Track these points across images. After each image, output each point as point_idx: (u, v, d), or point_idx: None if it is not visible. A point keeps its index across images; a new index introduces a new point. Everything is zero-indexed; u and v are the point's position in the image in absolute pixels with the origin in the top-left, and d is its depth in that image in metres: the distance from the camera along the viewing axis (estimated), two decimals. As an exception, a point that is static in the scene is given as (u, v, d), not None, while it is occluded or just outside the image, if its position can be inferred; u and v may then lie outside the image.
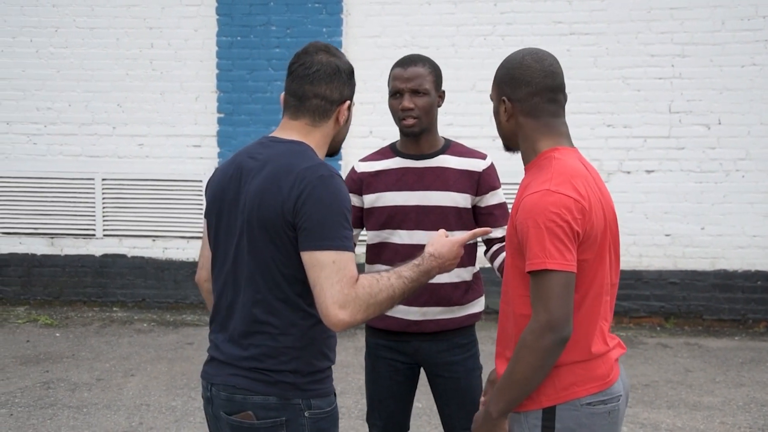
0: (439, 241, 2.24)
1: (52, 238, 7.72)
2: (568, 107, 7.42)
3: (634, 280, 7.14)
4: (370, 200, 3.01)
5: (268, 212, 2.06)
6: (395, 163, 3.01)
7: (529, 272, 2.02)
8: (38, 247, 7.73)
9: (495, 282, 6.93)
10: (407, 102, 2.91)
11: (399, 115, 2.94)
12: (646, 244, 7.16)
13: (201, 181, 7.42)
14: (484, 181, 2.98)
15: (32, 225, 7.72)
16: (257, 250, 2.09)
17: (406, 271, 2.13)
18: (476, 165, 2.99)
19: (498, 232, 2.98)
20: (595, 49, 7.08)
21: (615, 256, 2.21)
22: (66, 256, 7.70)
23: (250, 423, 2.09)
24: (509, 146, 2.29)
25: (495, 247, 3.00)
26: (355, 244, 3.14)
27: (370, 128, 7.31)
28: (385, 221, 2.99)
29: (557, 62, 2.19)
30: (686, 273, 7.13)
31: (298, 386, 2.11)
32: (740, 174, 7.05)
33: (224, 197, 2.19)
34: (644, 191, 7.12)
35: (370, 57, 7.28)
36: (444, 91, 3.03)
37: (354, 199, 3.06)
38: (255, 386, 2.09)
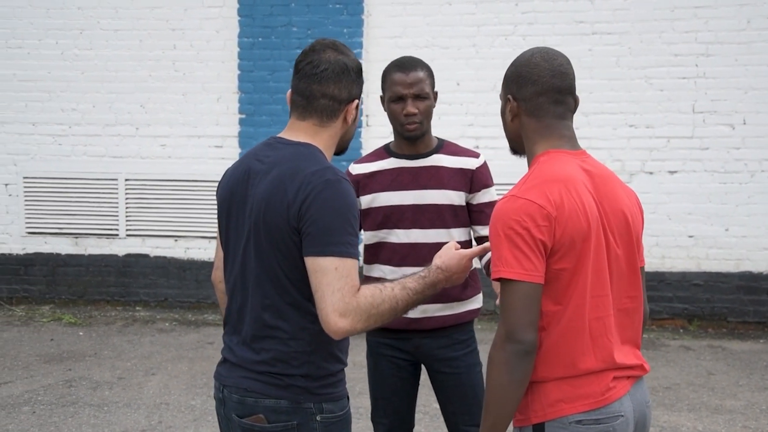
0: (448, 254, 2.20)
1: (77, 237, 7.81)
2: (590, 107, 7.39)
3: (656, 281, 7.07)
4: (367, 201, 3.03)
5: (274, 217, 2.04)
6: (390, 163, 3.03)
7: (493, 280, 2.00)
8: (63, 246, 7.83)
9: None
10: (411, 107, 2.92)
11: (401, 120, 2.94)
12: (669, 246, 7.09)
13: (223, 181, 7.47)
14: (477, 179, 3.01)
15: (57, 225, 7.81)
16: (264, 254, 2.07)
17: (412, 282, 2.10)
18: (469, 163, 3.02)
19: (486, 231, 2.98)
20: (617, 48, 7.02)
21: (614, 265, 2.05)
22: (90, 255, 7.78)
23: (261, 426, 2.08)
24: (515, 148, 2.22)
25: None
26: None
27: (390, 128, 7.27)
28: (381, 221, 3.01)
29: (569, 63, 2.10)
30: (710, 275, 7.05)
31: (310, 390, 2.09)
32: (766, 174, 6.95)
33: (233, 200, 2.18)
34: (667, 192, 7.05)
35: (390, 57, 7.14)
36: (437, 92, 3.05)
37: None
38: (267, 390, 2.08)
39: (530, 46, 7.00)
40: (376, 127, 7.33)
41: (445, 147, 3.05)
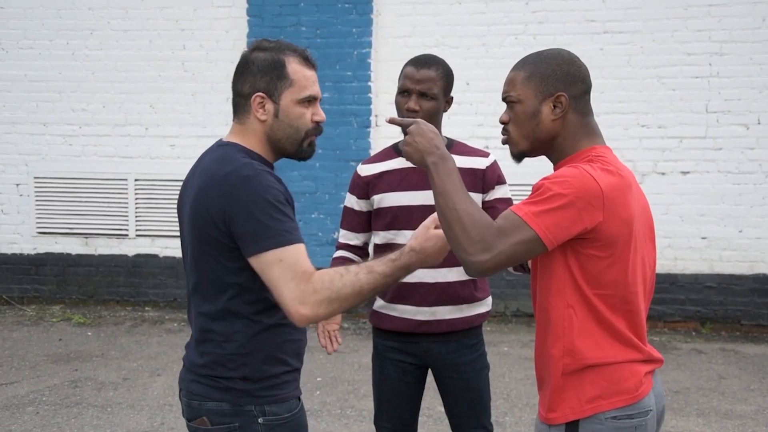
0: (424, 234, 2.09)
1: (87, 237, 7.83)
2: (601, 107, 7.33)
3: (669, 283, 6.98)
4: (376, 201, 3.00)
5: (202, 223, 2.05)
6: (398, 163, 2.98)
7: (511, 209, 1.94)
8: (73, 246, 7.84)
9: (526, 285, 6.84)
10: (413, 103, 2.87)
11: (403, 114, 2.90)
12: (682, 247, 7.00)
13: (231, 181, 7.46)
14: (488, 178, 2.97)
15: (67, 225, 7.83)
16: (198, 260, 2.09)
17: (379, 266, 2.03)
18: (479, 163, 2.97)
19: None
20: (629, 47, 6.94)
21: (647, 264, 2.11)
22: (100, 255, 7.80)
23: (205, 429, 2.11)
24: (532, 153, 2.13)
25: None
26: (367, 250, 3.13)
27: (399, 128, 7.24)
28: (390, 222, 2.97)
29: None
30: (723, 277, 6.94)
31: (250, 393, 2.10)
32: (780, 175, 6.85)
33: (180, 205, 2.23)
34: (680, 193, 6.96)
35: (400, 57, 7.21)
36: (452, 97, 2.97)
37: (361, 204, 3.05)
38: (209, 392, 2.11)
39: (541, 46, 6.99)
40: (385, 127, 7.29)
41: (454, 147, 2.99)
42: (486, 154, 3.00)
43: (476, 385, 3.02)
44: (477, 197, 2.95)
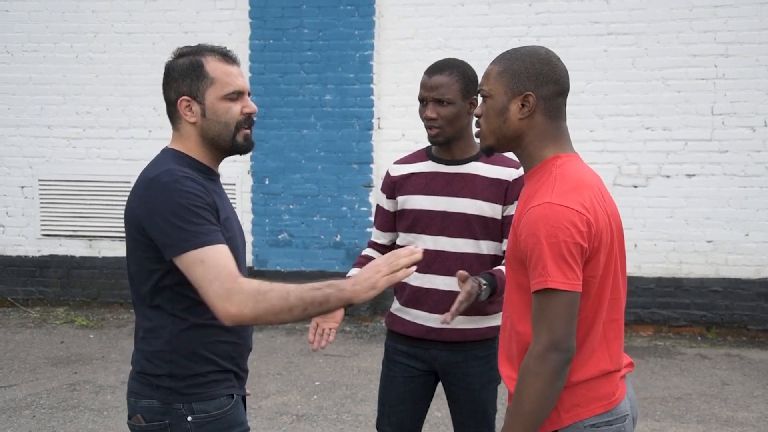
0: (366, 266, 2.09)
1: (91, 240, 7.84)
2: (605, 109, 7.28)
3: (674, 287, 6.90)
4: (400, 202, 2.98)
5: (130, 226, 2.13)
6: (427, 167, 2.96)
7: (533, 292, 1.92)
8: (77, 249, 7.86)
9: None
10: (430, 112, 2.85)
11: (424, 123, 2.89)
12: (687, 251, 6.92)
13: (234, 184, 7.45)
14: (511, 191, 2.86)
15: (72, 227, 7.85)
16: (130, 259, 2.18)
17: (313, 283, 2.07)
18: (507, 174, 2.88)
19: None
20: (633, 49, 6.87)
21: (622, 269, 2.08)
22: (103, 258, 7.81)
23: (140, 426, 2.17)
24: (498, 148, 2.13)
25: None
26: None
27: (402, 131, 7.23)
28: (410, 225, 2.94)
29: None
30: (729, 281, 6.86)
31: (177, 390, 2.14)
32: (787, 178, 6.76)
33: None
34: (685, 196, 6.88)
35: (402, 59, 7.20)
36: (476, 98, 2.89)
37: (389, 203, 3.04)
38: (142, 390, 2.17)
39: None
40: (388, 130, 7.26)
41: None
42: (517, 165, 2.89)
43: (482, 397, 2.98)
44: (497, 208, 2.87)
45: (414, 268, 2.07)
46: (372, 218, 7.19)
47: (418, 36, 7.19)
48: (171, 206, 2.02)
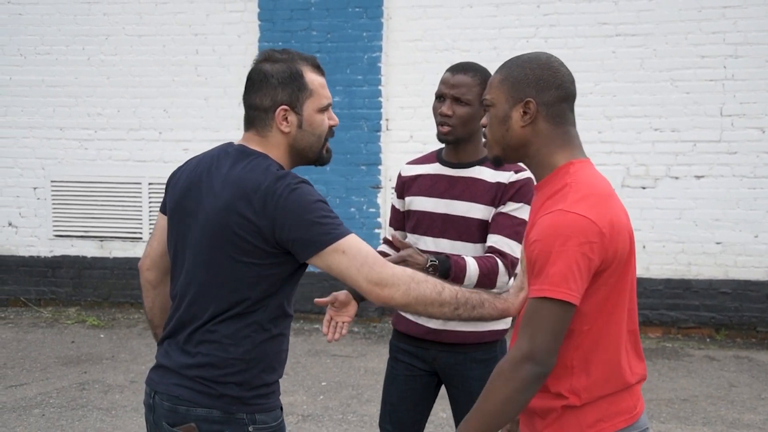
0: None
1: (102, 240, 7.91)
2: (614, 110, 7.27)
3: (682, 289, 6.89)
4: (407, 203, 3.02)
5: (236, 228, 2.03)
6: (434, 169, 2.98)
7: (531, 297, 1.87)
8: (89, 249, 7.93)
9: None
10: (446, 108, 2.85)
11: (438, 119, 2.89)
12: (696, 253, 6.90)
13: (243, 185, 7.49)
14: (506, 192, 2.85)
15: (83, 228, 7.92)
16: (216, 263, 2.07)
17: (473, 288, 2.09)
18: (505, 177, 2.87)
19: (489, 239, 2.86)
20: (642, 50, 6.86)
21: (633, 278, 2.05)
22: (114, 258, 7.88)
23: None
24: (505, 158, 2.07)
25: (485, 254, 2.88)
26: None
27: (410, 132, 7.25)
28: (414, 225, 2.96)
29: None
30: (738, 283, 6.83)
31: (243, 400, 2.08)
32: (797, 179, 6.73)
33: (185, 205, 2.16)
34: (693, 197, 6.86)
35: (410, 61, 7.23)
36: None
37: (399, 203, 3.08)
38: (199, 398, 2.07)
39: (552, 49, 6.93)
40: (396, 131, 7.28)
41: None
42: (518, 170, 2.88)
43: None
44: (491, 210, 2.87)
45: None
46: (380, 219, 7.22)
47: (426, 38, 7.21)
48: (307, 206, 2.01)
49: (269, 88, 2.10)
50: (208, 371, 2.07)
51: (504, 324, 2.99)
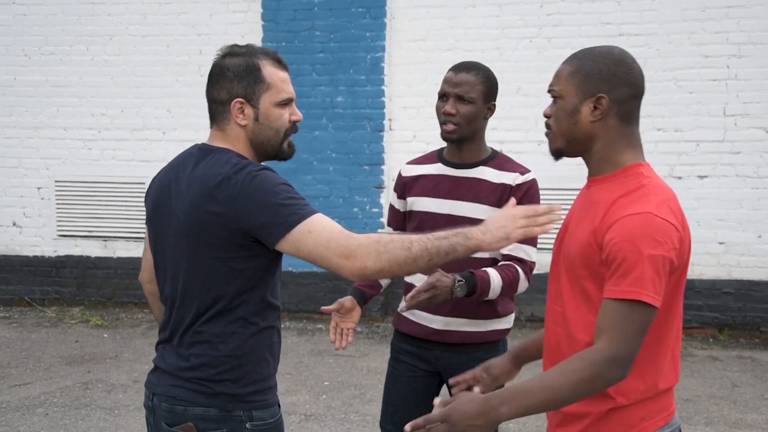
0: (498, 213, 2.07)
1: (105, 240, 7.93)
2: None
3: (685, 289, 6.79)
4: (409, 203, 3.01)
5: (207, 227, 2.04)
6: (436, 169, 2.98)
7: (612, 298, 1.82)
8: (92, 249, 7.96)
9: (541, 290, 6.77)
10: (450, 107, 2.85)
11: (441, 118, 2.90)
12: (699, 253, 6.87)
13: (247, 185, 7.51)
14: (513, 195, 2.84)
15: (87, 228, 7.94)
16: (194, 263, 2.09)
17: (438, 232, 1.99)
18: (511, 179, 2.88)
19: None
20: (645, 50, 6.85)
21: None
22: (118, 258, 7.89)
23: None
24: (569, 152, 2.03)
25: (502, 263, 2.88)
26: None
27: (413, 132, 7.26)
28: (417, 226, 2.95)
29: None
30: (742, 283, 6.82)
31: (239, 397, 2.10)
32: (801, 179, 6.72)
33: (161, 209, 2.19)
34: (697, 197, 6.85)
35: (413, 61, 7.23)
36: (494, 104, 2.92)
37: (399, 203, 3.08)
38: (195, 398, 2.09)
39: (555, 49, 6.94)
40: (399, 131, 7.29)
41: (494, 160, 2.94)
42: (523, 171, 2.90)
43: None
44: (495, 211, 2.87)
45: (551, 227, 2.02)
46: (383, 219, 7.22)
47: (429, 38, 7.22)
48: (269, 190, 2.00)
49: (226, 81, 2.13)
50: (203, 371, 2.09)
51: (506, 324, 3.00)
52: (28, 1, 7.87)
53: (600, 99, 1.94)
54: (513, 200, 2.20)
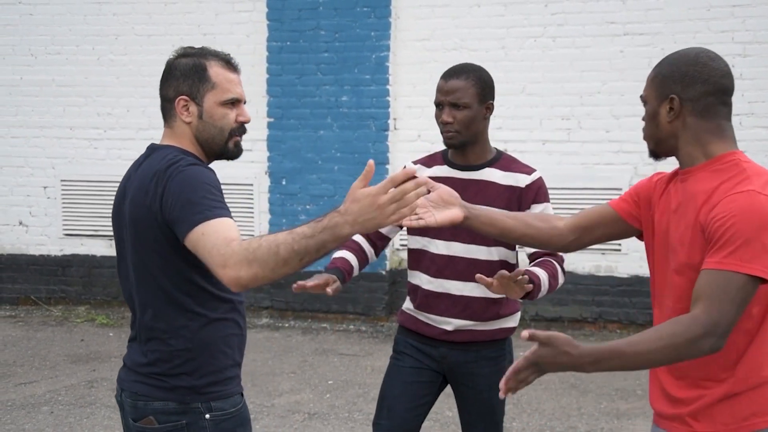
0: (350, 195, 1.86)
1: (111, 240, 7.94)
2: (621, 110, 7.22)
3: (690, 289, 6.85)
4: None
5: (143, 221, 2.12)
6: (441, 171, 2.97)
7: (714, 269, 1.86)
8: (98, 248, 7.98)
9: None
10: (446, 116, 2.87)
11: (440, 127, 2.91)
12: (704, 252, 6.87)
13: (251, 184, 7.52)
14: (525, 197, 2.88)
15: (93, 227, 7.97)
16: (140, 260, 2.16)
17: (302, 227, 1.91)
18: (519, 180, 2.90)
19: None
20: (650, 49, 6.84)
21: None
22: (124, 257, 7.91)
23: (152, 428, 2.16)
24: (659, 152, 2.14)
25: (539, 259, 2.91)
26: (384, 245, 3.10)
27: (418, 132, 7.26)
28: (423, 229, 2.91)
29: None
30: (747, 282, 6.80)
31: (196, 389, 2.16)
32: (806, 179, 6.69)
33: (120, 210, 2.27)
34: (702, 197, 6.84)
35: (418, 60, 7.24)
36: (492, 103, 2.92)
37: None
38: (154, 392, 2.16)
39: (560, 48, 6.93)
40: (404, 131, 7.30)
41: (500, 161, 2.95)
42: (529, 171, 2.93)
43: (490, 400, 2.98)
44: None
45: (423, 189, 1.85)
46: (388, 219, 7.22)
47: (434, 37, 7.22)
48: (189, 185, 2.04)
49: (173, 79, 2.24)
50: (159, 366, 2.17)
51: (513, 322, 3.02)
52: (34, 0, 7.90)
53: (672, 99, 2.04)
54: (361, 184, 1.89)
